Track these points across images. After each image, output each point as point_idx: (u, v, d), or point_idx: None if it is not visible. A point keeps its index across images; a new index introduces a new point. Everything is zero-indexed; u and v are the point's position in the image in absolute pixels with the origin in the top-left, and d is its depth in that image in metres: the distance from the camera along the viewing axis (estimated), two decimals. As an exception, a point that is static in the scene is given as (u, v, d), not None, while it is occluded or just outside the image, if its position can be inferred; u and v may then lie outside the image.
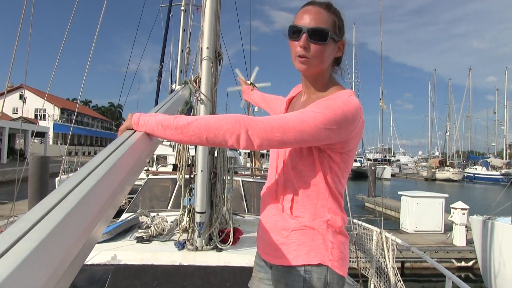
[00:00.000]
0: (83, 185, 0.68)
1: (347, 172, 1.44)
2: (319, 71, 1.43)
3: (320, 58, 1.38)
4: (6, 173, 24.66)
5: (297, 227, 1.39)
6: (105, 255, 2.51)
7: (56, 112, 52.65)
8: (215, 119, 1.22)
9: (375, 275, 5.20)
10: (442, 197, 11.74)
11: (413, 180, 51.07)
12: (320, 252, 1.36)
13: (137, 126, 1.20)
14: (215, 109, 2.88)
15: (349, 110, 1.29)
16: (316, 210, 1.39)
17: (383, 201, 13.22)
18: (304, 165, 1.40)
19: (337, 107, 1.28)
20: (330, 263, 1.35)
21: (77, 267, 0.60)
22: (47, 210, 0.57)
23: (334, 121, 1.25)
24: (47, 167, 11.33)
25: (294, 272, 1.37)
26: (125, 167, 0.87)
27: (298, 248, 1.38)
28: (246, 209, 4.24)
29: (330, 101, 1.32)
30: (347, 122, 1.28)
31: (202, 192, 2.68)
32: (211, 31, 2.70)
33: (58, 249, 0.53)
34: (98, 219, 0.67)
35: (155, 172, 5.73)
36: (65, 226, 0.55)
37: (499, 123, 62.20)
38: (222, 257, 2.60)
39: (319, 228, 1.38)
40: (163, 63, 14.66)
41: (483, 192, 35.16)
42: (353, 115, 1.30)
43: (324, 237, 1.37)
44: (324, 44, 1.36)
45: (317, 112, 1.26)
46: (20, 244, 0.48)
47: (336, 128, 1.26)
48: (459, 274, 9.66)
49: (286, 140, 1.24)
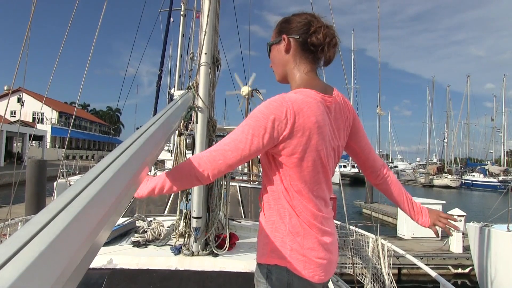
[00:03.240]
0: (88, 190, 0.68)
1: (313, 174, 1.41)
2: (283, 74, 1.57)
3: (273, 63, 1.60)
4: (3, 176, 24.58)
5: (266, 227, 1.46)
6: (101, 259, 2.51)
7: (54, 115, 52.62)
8: (176, 173, 1.36)
9: (371, 281, 5.21)
10: (439, 203, 11.75)
11: (411, 186, 51.04)
12: (278, 253, 1.40)
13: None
14: (212, 114, 2.90)
15: (270, 111, 1.31)
16: (278, 213, 1.43)
17: (379, 207, 13.23)
18: (267, 171, 1.47)
19: (257, 112, 1.34)
20: (288, 264, 1.38)
21: (82, 272, 0.61)
22: (54, 214, 0.57)
23: (260, 127, 1.30)
24: (45, 171, 11.31)
25: (260, 269, 1.46)
26: (130, 172, 0.88)
27: (264, 247, 1.45)
28: (243, 214, 4.24)
29: (256, 108, 1.38)
30: (271, 124, 1.31)
31: (199, 197, 2.69)
32: (209, 37, 2.73)
33: (65, 254, 0.53)
34: (103, 225, 0.68)
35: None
36: (71, 231, 0.56)
37: (497, 130, 62.47)
38: (218, 262, 2.61)
39: (279, 229, 1.42)
40: (163, 68, 14.71)
41: (480, 199, 35.20)
42: (274, 115, 1.31)
43: (284, 239, 1.40)
44: (270, 53, 1.60)
45: (244, 125, 1.34)
46: (28, 247, 0.48)
47: (265, 132, 1.30)
48: (456, 281, 9.67)
49: (231, 163, 1.33)
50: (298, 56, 1.52)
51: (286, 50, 1.52)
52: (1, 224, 4.45)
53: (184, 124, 2.76)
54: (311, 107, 1.34)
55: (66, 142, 48.16)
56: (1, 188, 22.10)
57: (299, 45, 1.51)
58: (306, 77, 1.50)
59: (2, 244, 0.49)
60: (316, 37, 1.47)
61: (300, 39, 1.50)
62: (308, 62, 1.52)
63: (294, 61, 1.52)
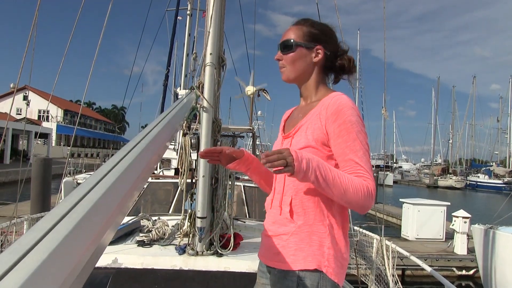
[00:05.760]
0: (94, 192, 0.69)
1: None
2: (297, 76, 1.56)
3: (291, 64, 1.55)
4: (9, 174, 24.75)
5: (296, 231, 1.41)
6: (105, 258, 2.52)
7: (59, 113, 52.86)
8: (353, 189, 1.32)
9: (374, 282, 5.19)
10: (444, 205, 11.72)
11: (415, 187, 50.92)
12: (316, 258, 1.37)
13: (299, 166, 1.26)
14: (217, 115, 2.90)
15: (355, 107, 1.44)
16: (316, 215, 1.40)
17: (384, 208, 13.17)
18: None
19: (353, 114, 1.41)
20: (325, 269, 1.37)
21: (88, 273, 0.61)
22: (57, 220, 0.57)
23: (363, 124, 1.43)
24: (50, 169, 11.35)
25: (288, 277, 1.39)
26: (134, 174, 0.88)
27: (296, 253, 1.40)
28: (248, 214, 4.25)
29: (340, 117, 1.40)
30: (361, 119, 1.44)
31: (203, 197, 2.69)
32: (215, 37, 2.73)
33: (69, 258, 0.53)
34: (107, 226, 0.68)
35: (157, 176, 5.74)
36: (75, 236, 0.56)
37: (503, 131, 61.93)
38: (223, 262, 2.61)
39: (318, 233, 1.39)
40: (170, 67, 14.72)
41: (485, 200, 35.01)
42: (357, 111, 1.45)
43: (322, 243, 1.38)
44: (292, 52, 1.53)
45: (358, 132, 1.39)
46: (30, 256, 0.48)
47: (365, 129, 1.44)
48: (460, 283, 9.63)
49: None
50: (321, 69, 1.58)
51: (316, 62, 1.56)
52: (7, 222, 4.48)
53: (187, 124, 2.76)
54: None
55: (71, 140, 48.46)
56: (7, 186, 22.25)
57: (326, 61, 1.57)
58: (329, 87, 1.60)
59: (4, 251, 0.49)
60: (345, 61, 1.57)
61: (329, 56, 1.56)
62: (326, 77, 1.61)
63: (319, 73, 1.57)
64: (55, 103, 51.21)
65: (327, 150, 1.41)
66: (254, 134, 6.73)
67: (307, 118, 1.48)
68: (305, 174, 1.24)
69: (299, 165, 1.22)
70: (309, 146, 1.41)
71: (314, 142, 1.41)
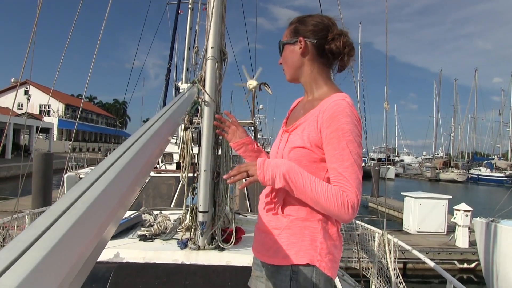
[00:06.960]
0: (93, 188, 0.68)
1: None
2: (292, 73, 1.57)
3: (285, 63, 1.59)
4: (11, 168, 24.80)
5: (289, 226, 1.42)
6: (107, 252, 2.52)
7: (60, 108, 52.90)
8: (324, 198, 1.32)
9: (376, 276, 5.20)
10: (445, 198, 11.71)
11: (417, 180, 50.93)
12: (308, 252, 1.38)
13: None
14: (219, 109, 2.89)
15: (353, 114, 1.39)
16: (308, 210, 1.40)
17: (386, 202, 13.19)
18: (308, 169, 1.41)
19: (348, 122, 1.36)
20: (318, 263, 1.37)
21: (89, 267, 0.61)
22: (57, 216, 0.57)
23: (358, 133, 1.38)
24: (51, 164, 11.38)
25: (281, 272, 1.40)
26: (136, 168, 0.88)
27: (288, 247, 1.40)
28: (250, 208, 4.25)
29: (333, 124, 1.37)
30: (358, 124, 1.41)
31: (205, 191, 2.69)
32: (216, 31, 2.71)
33: (70, 254, 0.53)
34: (109, 222, 0.67)
35: (159, 170, 5.74)
36: (75, 232, 0.55)
37: (504, 125, 61.83)
38: (224, 256, 2.61)
39: (310, 228, 1.39)
40: (171, 61, 14.68)
41: (487, 193, 35.01)
42: (358, 122, 1.40)
43: (314, 238, 1.39)
44: (283, 52, 1.59)
45: (346, 148, 1.35)
46: (30, 252, 0.48)
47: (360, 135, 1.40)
48: (461, 276, 9.64)
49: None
50: (314, 60, 1.52)
51: (302, 53, 1.52)
52: (9, 217, 4.49)
53: (189, 118, 2.75)
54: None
55: (72, 134, 48.47)
56: (9, 180, 22.31)
57: (315, 50, 1.51)
58: (332, 83, 1.54)
59: (3, 248, 0.48)
60: (335, 44, 1.48)
61: (316, 44, 1.50)
62: (326, 68, 1.55)
63: (311, 65, 1.53)
64: (56, 97, 51.22)
65: (321, 153, 1.40)
66: (255, 128, 6.72)
67: (306, 118, 1.46)
68: (272, 181, 1.35)
69: (262, 173, 1.36)
70: (304, 147, 1.41)
71: (309, 144, 1.41)
